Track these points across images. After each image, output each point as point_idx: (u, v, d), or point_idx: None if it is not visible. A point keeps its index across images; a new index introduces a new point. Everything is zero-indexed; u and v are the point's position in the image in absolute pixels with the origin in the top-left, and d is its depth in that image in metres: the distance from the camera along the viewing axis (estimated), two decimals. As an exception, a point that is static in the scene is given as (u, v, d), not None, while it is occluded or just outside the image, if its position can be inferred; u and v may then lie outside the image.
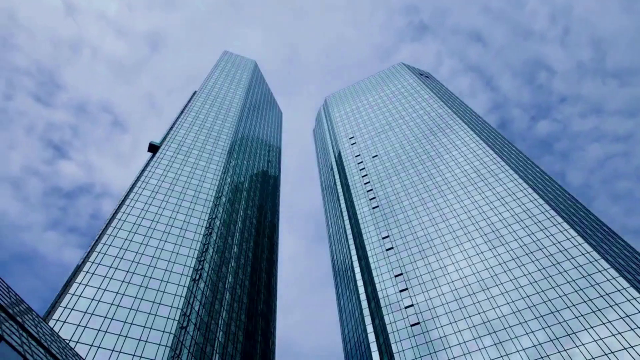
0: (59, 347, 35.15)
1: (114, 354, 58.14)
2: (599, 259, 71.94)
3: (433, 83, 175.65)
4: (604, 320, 63.19)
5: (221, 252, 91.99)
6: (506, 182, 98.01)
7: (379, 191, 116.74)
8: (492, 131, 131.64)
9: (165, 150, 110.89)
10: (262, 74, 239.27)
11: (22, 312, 32.41)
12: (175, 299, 70.09)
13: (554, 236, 79.83)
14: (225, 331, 79.35)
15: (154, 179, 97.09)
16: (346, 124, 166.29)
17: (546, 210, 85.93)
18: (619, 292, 65.63)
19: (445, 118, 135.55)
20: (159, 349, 60.95)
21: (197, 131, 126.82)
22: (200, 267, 79.98)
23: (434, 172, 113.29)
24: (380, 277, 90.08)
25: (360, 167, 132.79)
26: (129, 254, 75.23)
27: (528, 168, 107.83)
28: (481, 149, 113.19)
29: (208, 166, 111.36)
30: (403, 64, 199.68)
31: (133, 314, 64.90)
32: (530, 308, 70.08)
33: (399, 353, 73.09)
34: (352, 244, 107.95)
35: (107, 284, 68.08)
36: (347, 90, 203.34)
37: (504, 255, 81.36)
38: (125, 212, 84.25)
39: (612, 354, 58.74)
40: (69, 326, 59.14)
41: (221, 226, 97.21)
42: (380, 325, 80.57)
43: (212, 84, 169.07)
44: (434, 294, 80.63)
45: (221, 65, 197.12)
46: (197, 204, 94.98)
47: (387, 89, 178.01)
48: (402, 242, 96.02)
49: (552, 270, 74.11)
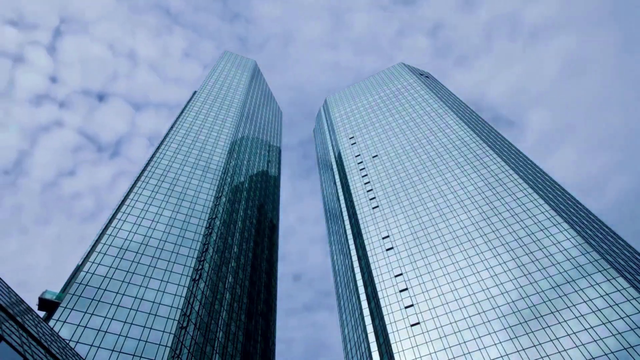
0: (59, 347, 35.16)
1: (114, 354, 58.15)
2: (599, 258, 71.95)
3: (433, 83, 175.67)
4: (603, 320, 63.20)
5: (221, 252, 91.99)
6: (506, 182, 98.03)
7: (379, 191, 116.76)
8: (492, 131, 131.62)
9: (165, 150, 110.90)
10: (262, 73, 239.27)
11: (22, 312, 32.42)
12: (175, 299, 70.10)
13: (554, 236, 79.85)
14: (225, 331, 79.35)
15: (154, 179, 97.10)
16: (346, 124, 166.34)
17: (546, 210, 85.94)
18: (619, 292, 65.64)
19: (445, 118, 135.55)
20: (159, 349, 60.96)
21: (197, 131, 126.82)
22: (200, 267, 79.99)
23: (434, 172, 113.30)
24: (380, 277, 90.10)
25: (360, 167, 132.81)
26: (128, 254, 75.25)
27: (528, 168, 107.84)
28: (481, 149, 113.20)
29: (208, 166, 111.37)
30: (403, 64, 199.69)
31: (133, 313, 64.91)
32: (530, 308, 70.09)
33: (399, 353, 73.10)
34: (352, 244, 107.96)
35: (108, 284, 68.10)
36: (347, 90, 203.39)
37: (503, 255, 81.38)
38: (125, 212, 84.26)
39: (612, 354, 58.76)
40: (69, 326, 59.16)
41: (221, 226, 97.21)
42: (380, 325, 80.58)
43: (212, 84, 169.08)
44: (434, 294, 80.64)
45: (221, 65, 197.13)
46: (197, 203, 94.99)
47: (387, 89, 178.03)
48: (402, 242, 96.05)
49: (552, 270, 74.13)
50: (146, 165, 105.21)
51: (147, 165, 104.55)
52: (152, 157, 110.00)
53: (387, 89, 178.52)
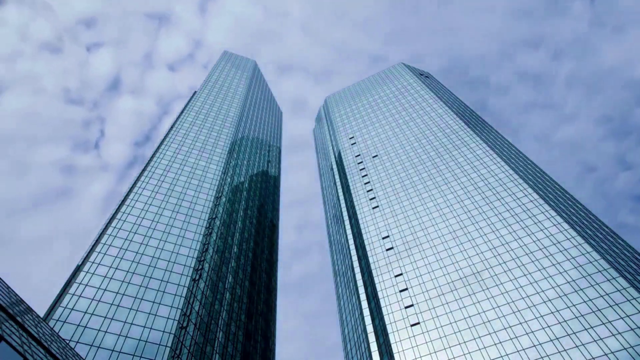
0: (59, 347, 35.15)
1: (114, 354, 58.15)
2: (599, 259, 71.93)
3: (433, 83, 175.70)
4: (604, 320, 63.19)
5: (221, 252, 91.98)
6: (506, 182, 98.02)
7: (379, 191, 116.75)
8: (492, 131, 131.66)
9: (165, 151, 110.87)
10: (262, 73, 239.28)
11: (22, 312, 32.42)
12: (175, 299, 70.10)
13: (554, 236, 79.83)
14: (225, 331, 79.35)
15: (154, 179, 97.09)
16: (346, 124, 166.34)
17: (546, 210, 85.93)
18: (619, 292, 65.63)
19: (445, 118, 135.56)
20: (159, 349, 60.96)
21: (197, 131, 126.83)
22: (200, 267, 79.98)
23: (434, 172, 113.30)
24: (380, 277, 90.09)
25: (360, 167, 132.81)
26: (129, 254, 75.24)
27: (528, 167, 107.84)
28: (481, 149, 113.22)
29: (208, 166, 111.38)
30: (403, 64, 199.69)
31: (133, 314, 64.91)
32: (530, 308, 70.08)
33: (399, 353, 73.10)
34: (352, 244, 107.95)
35: (107, 284, 68.10)
36: (347, 90, 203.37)
37: (504, 255, 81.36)
38: (125, 212, 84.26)
39: (612, 354, 58.75)
40: (69, 326, 59.15)
41: (221, 226, 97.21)
42: (380, 325, 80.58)
43: (212, 84, 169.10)
44: (434, 294, 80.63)
45: (221, 65, 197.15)
46: (197, 204, 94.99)
47: (387, 89, 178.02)
48: (402, 242, 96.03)
49: (552, 270, 74.12)
50: (146, 165, 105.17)
51: (147, 165, 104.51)
52: (152, 157, 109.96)
53: (387, 88, 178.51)
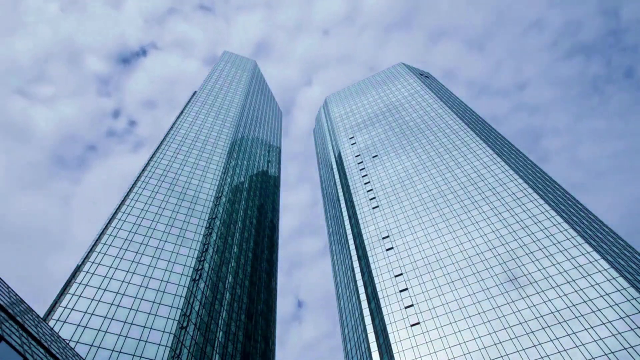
0: (59, 347, 35.15)
1: (114, 354, 58.14)
2: (599, 259, 71.95)
3: (433, 83, 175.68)
4: (604, 320, 63.20)
5: (221, 252, 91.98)
6: (506, 182, 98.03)
7: (379, 191, 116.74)
8: (492, 131, 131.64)
9: (165, 150, 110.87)
10: (262, 73, 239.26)
11: (22, 312, 32.41)
12: (175, 299, 70.10)
13: (554, 236, 79.84)
14: (225, 331, 79.34)
15: (154, 179, 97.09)
16: (346, 123, 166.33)
17: (546, 211, 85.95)
18: (619, 292, 65.64)
19: (445, 118, 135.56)
20: (159, 349, 60.96)
21: (197, 131, 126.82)
22: (200, 267, 79.98)
23: (434, 172, 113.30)
24: (380, 277, 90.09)
25: (360, 167, 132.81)
26: (129, 254, 75.24)
27: (528, 167, 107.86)
28: (481, 149, 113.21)
29: (208, 166, 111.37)
30: (403, 64, 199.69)
31: (133, 314, 64.90)
32: (530, 308, 70.09)
33: (399, 353, 73.09)
34: (352, 244, 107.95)
35: (107, 284, 68.09)
36: (347, 90, 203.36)
37: (504, 255, 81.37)
38: (125, 212, 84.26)
39: (612, 354, 58.75)
40: (69, 326, 59.15)
41: (221, 226, 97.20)
42: (380, 325, 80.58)
43: (212, 84, 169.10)
44: (434, 294, 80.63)
45: (221, 65, 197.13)
46: (197, 204, 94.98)
47: (387, 89, 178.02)
48: (402, 242, 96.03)
49: (552, 270, 74.12)
50: (146, 165, 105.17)
51: (147, 165, 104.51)
52: (152, 157, 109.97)
53: (387, 88, 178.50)
